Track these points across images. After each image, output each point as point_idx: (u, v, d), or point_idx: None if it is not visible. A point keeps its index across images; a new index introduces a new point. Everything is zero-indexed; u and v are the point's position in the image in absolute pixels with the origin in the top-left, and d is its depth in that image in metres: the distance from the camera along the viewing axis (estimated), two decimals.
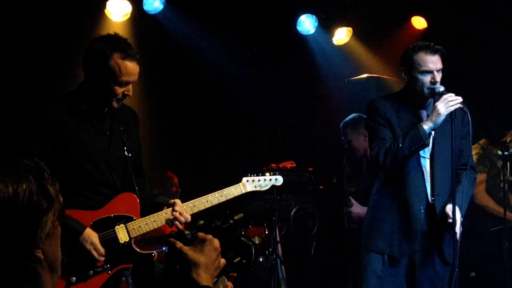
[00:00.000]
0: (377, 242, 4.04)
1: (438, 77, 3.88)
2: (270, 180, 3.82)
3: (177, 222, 3.39)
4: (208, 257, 1.67)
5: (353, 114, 5.50)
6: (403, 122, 3.96)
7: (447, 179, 3.94)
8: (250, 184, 3.70)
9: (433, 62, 3.88)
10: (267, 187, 3.81)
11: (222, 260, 1.70)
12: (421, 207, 3.94)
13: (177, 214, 3.39)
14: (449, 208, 3.88)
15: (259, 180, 3.76)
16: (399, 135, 3.89)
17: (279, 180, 3.88)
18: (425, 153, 3.98)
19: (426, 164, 3.99)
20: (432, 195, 3.97)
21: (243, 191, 3.65)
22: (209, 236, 1.70)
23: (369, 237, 4.10)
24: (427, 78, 3.87)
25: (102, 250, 3.20)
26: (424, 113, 3.97)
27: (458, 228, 3.80)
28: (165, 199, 3.56)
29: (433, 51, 3.89)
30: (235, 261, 1.76)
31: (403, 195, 3.97)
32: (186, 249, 1.68)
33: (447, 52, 3.95)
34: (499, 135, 5.72)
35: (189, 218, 3.43)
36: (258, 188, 3.74)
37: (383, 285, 4.03)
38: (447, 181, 3.94)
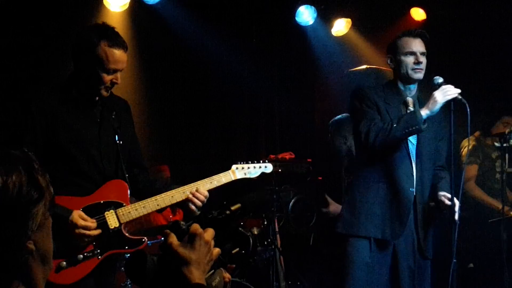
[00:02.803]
0: (367, 227, 4.00)
1: (422, 58, 4.01)
2: (260, 167, 3.80)
3: (195, 200, 3.43)
4: (199, 253, 1.64)
5: (342, 115, 5.52)
6: (390, 107, 4.03)
7: (426, 177, 4.05)
8: (239, 171, 3.70)
9: (415, 45, 4.04)
10: (257, 175, 3.79)
11: (216, 251, 1.68)
12: (411, 188, 3.98)
13: (194, 191, 3.43)
14: (443, 194, 3.93)
15: (248, 168, 3.75)
16: (389, 119, 3.92)
17: (268, 167, 3.85)
18: (413, 139, 4.02)
19: (413, 152, 4.02)
20: (418, 183, 4.02)
21: (233, 178, 3.65)
22: (199, 230, 1.67)
23: (356, 223, 4.04)
24: (410, 59, 4.01)
25: (93, 225, 3.21)
26: (410, 101, 4.05)
27: (457, 216, 3.82)
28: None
29: (415, 35, 4.07)
30: (233, 252, 1.74)
31: (391, 177, 3.99)
32: (176, 245, 1.65)
33: (443, 43, 4.00)
34: (491, 126, 5.75)
35: (206, 193, 3.48)
36: (247, 176, 3.73)
37: (370, 273, 4.00)
38: (427, 177, 4.04)
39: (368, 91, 4.12)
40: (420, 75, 4.03)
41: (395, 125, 3.83)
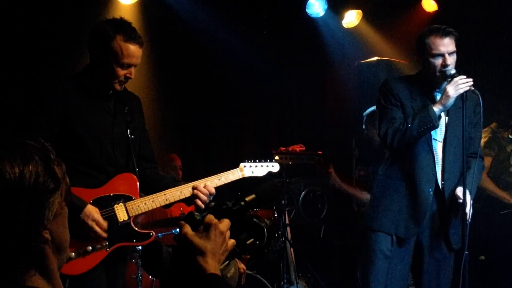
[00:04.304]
0: (383, 222, 4.04)
1: (450, 60, 3.87)
2: (267, 166, 3.88)
3: (200, 194, 3.43)
4: (214, 242, 1.64)
5: (374, 107, 5.51)
6: (416, 104, 3.95)
7: (457, 164, 3.96)
8: (247, 169, 3.75)
9: (444, 45, 3.87)
10: (264, 173, 3.85)
11: (231, 242, 1.68)
12: (430, 189, 3.95)
13: (200, 187, 3.43)
14: (459, 190, 3.89)
15: (256, 166, 3.81)
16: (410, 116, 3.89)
17: (275, 167, 3.92)
18: (437, 136, 3.98)
19: (437, 147, 3.99)
20: (442, 179, 3.98)
21: (240, 176, 3.69)
22: (214, 220, 1.66)
23: (375, 217, 4.09)
24: (438, 61, 3.87)
25: (104, 224, 3.24)
26: (438, 96, 3.96)
27: (468, 209, 3.79)
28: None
29: (444, 34, 3.89)
30: (248, 242, 1.73)
31: (411, 177, 3.98)
32: (191, 235, 1.64)
33: (458, 35, 3.93)
34: (510, 118, 5.69)
35: (212, 190, 3.48)
36: (255, 174, 3.79)
37: (391, 265, 4.03)
38: (457, 166, 3.96)
39: (393, 85, 4.03)
40: None
41: (410, 125, 3.81)
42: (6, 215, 1.34)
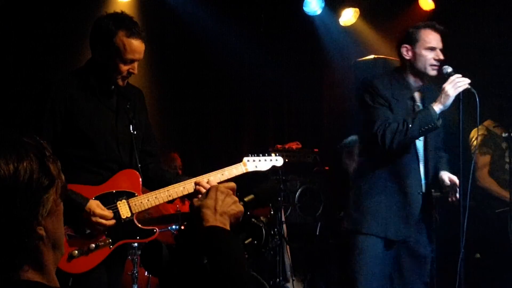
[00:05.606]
0: (372, 225, 3.97)
1: (441, 55, 3.92)
2: (271, 160, 3.82)
3: (202, 190, 3.41)
4: (211, 198, 1.71)
5: (352, 137, 5.52)
6: (398, 104, 3.94)
7: (435, 161, 4.02)
8: (251, 164, 3.72)
9: (437, 40, 3.94)
10: (268, 168, 3.81)
11: (238, 206, 1.73)
12: (419, 191, 3.95)
13: (203, 182, 3.42)
14: (444, 174, 3.94)
15: (259, 161, 3.77)
16: (400, 117, 3.84)
17: (279, 161, 3.87)
18: (421, 137, 3.99)
19: (420, 146, 4.00)
20: (426, 177, 4.00)
21: (244, 171, 3.67)
22: (216, 185, 1.79)
23: (363, 221, 4.00)
24: (430, 55, 3.90)
25: (110, 215, 3.23)
26: (417, 96, 3.99)
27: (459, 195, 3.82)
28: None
29: (438, 30, 3.96)
30: (246, 242, 1.75)
31: (400, 179, 3.95)
32: (196, 201, 1.74)
33: (452, 33, 3.97)
34: (507, 116, 5.69)
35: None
36: (258, 169, 3.75)
37: (383, 266, 4.01)
38: (435, 163, 4.02)
39: (378, 85, 3.97)
40: (436, 72, 3.92)
41: (410, 125, 3.77)
42: (1, 212, 1.35)
